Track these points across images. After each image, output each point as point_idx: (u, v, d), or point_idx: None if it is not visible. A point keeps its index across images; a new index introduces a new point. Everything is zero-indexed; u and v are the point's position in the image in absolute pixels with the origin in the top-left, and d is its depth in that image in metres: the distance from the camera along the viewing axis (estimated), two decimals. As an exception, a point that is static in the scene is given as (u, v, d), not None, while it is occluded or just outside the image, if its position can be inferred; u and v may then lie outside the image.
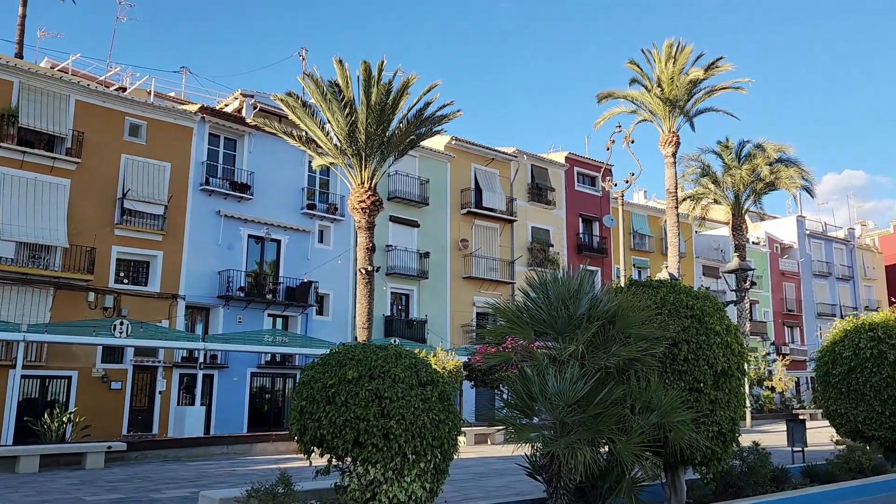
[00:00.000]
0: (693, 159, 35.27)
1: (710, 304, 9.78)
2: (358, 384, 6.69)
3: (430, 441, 6.77)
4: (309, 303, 28.33)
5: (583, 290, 8.83)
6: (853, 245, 55.48)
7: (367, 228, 19.85)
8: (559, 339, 8.69)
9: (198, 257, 26.09)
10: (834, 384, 14.09)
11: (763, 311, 48.35)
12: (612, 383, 8.24)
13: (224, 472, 14.73)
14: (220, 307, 26.52)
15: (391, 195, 31.99)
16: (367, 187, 19.62)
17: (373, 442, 6.53)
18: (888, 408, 13.09)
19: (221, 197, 27.08)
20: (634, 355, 8.37)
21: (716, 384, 9.31)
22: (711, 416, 9.19)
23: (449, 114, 20.19)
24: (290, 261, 28.66)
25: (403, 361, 7.05)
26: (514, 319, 8.72)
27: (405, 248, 32.15)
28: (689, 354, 9.23)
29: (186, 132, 26.60)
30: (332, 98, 18.62)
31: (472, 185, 35.68)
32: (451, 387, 7.35)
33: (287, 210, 28.90)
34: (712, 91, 30.41)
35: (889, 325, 13.91)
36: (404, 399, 6.70)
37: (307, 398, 6.89)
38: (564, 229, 39.42)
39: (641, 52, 31.13)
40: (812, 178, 34.40)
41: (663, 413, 8.42)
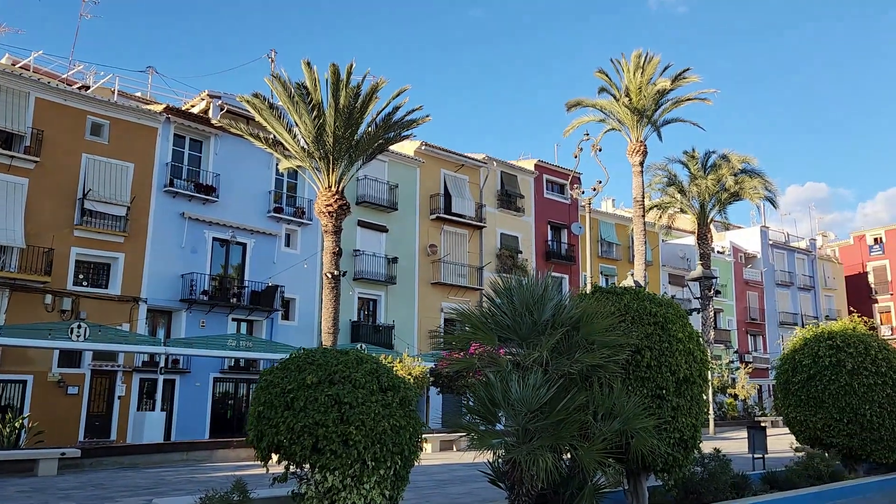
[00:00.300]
0: (660, 168, 35.71)
1: (674, 311, 9.83)
2: (317, 389, 6.57)
3: (390, 447, 6.66)
4: (274, 307, 28.00)
5: (547, 295, 8.80)
6: (814, 255, 56.64)
7: (333, 232, 19.66)
8: (523, 345, 8.65)
9: (160, 260, 25.62)
10: (794, 392, 14.27)
11: (727, 319, 49.05)
12: (575, 390, 8.21)
13: (182, 479, 14.40)
14: (183, 311, 26.05)
15: (360, 199, 31.80)
16: (334, 191, 19.44)
17: (331, 448, 6.40)
18: (845, 415, 13.29)
19: (186, 199, 26.65)
20: (598, 362, 8.36)
21: (678, 391, 9.35)
22: (673, 423, 9.23)
23: (418, 118, 20.11)
24: (256, 264, 28.30)
25: (364, 366, 6.94)
26: (479, 325, 8.66)
27: (373, 253, 31.97)
28: (652, 361, 9.26)
29: (151, 132, 26.13)
30: (299, 100, 18.42)
31: (442, 190, 35.65)
32: (413, 392, 7.25)
33: (253, 213, 28.54)
34: (679, 102, 30.80)
35: (847, 335, 14.14)
36: (365, 405, 6.59)
37: (265, 403, 6.74)
38: (533, 236, 39.58)
39: (610, 61, 31.43)
40: (775, 189, 35.09)
41: (626, 420, 8.42)
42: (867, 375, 13.35)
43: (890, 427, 13.21)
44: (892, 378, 13.45)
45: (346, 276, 28.81)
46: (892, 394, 13.31)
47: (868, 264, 60.23)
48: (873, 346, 13.77)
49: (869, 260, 60.27)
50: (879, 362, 13.50)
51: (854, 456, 13.35)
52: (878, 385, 13.28)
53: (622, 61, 31.08)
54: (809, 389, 13.90)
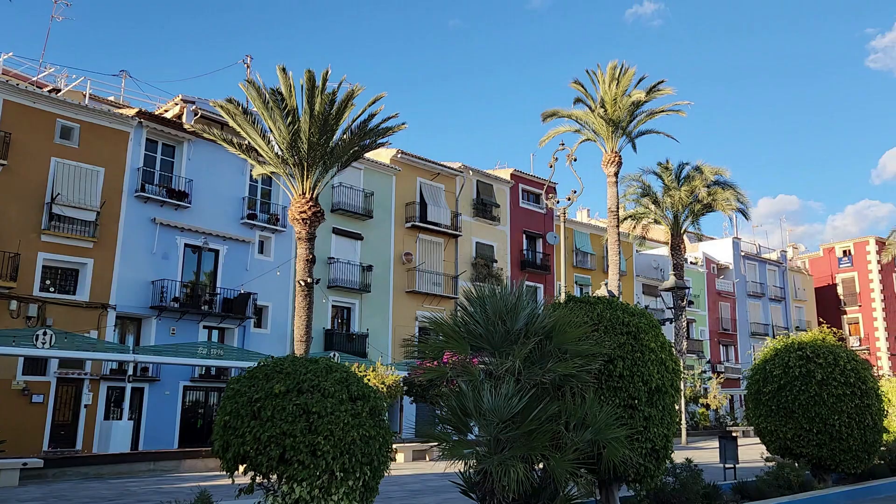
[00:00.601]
0: (634, 179, 35.99)
1: (646, 321, 9.84)
2: (285, 398, 6.44)
3: (359, 458, 6.55)
4: (247, 315, 27.66)
5: (520, 305, 8.76)
6: (785, 267, 57.45)
7: (307, 240, 19.47)
8: (496, 354, 8.59)
9: (131, 266, 25.20)
10: (764, 402, 14.35)
11: (700, 329, 49.49)
12: (547, 399, 8.17)
13: (148, 490, 14.10)
14: (154, 318, 25.62)
15: (335, 207, 31.61)
16: (308, 198, 19.26)
17: (299, 459, 6.27)
18: (815, 425, 13.38)
19: (157, 204, 26.26)
20: (570, 371, 8.32)
21: (650, 401, 9.35)
22: (645, 433, 9.22)
23: (394, 126, 20.03)
24: (229, 271, 27.95)
25: (334, 375, 6.82)
26: (451, 334, 8.58)
27: (348, 261, 31.77)
28: (625, 371, 9.25)
29: (122, 136, 25.74)
30: (274, 106, 18.25)
31: (418, 199, 35.58)
32: (384, 402, 7.14)
33: (226, 219, 28.22)
34: (653, 113, 31.08)
35: (817, 345, 14.27)
36: (334, 414, 6.47)
37: (231, 412, 6.60)
38: (508, 245, 39.64)
39: (586, 72, 31.64)
40: (747, 201, 35.51)
41: (598, 430, 8.39)
42: (836, 386, 13.46)
43: (858, 437, 13.33)
44: (860, 388, 13.59)
45: (320, 283, 28.59)
46: (860, 404, 13.43)
47: (837, 276, 61.22)
48: (842, 357, 13.90)
49: (838, 272, 61.27)
50: (848, 373, 13.63)
51: (823, 466, 13.44)
52: (846, 395, 13.40)
53: (598, 72, 31.30)
54: (780, 399, 13.99)
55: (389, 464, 7.05)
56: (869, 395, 13.66)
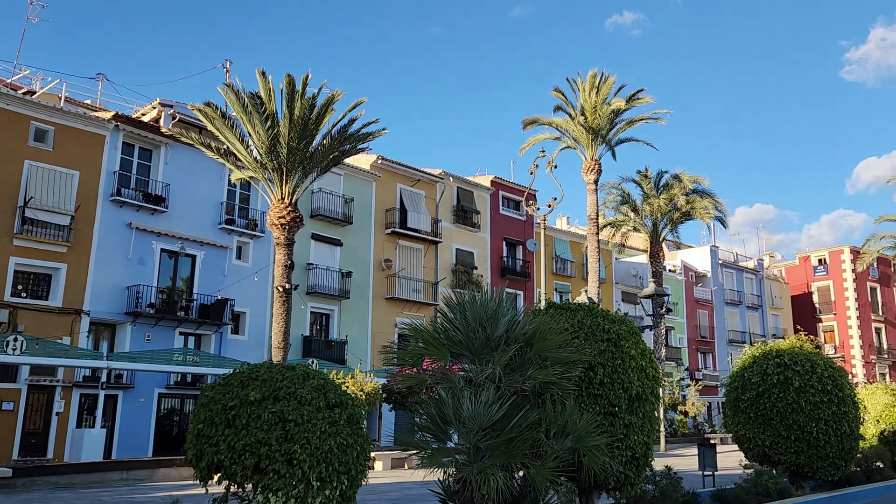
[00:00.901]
0: (614, 187, 36.19)
1: (627, 328, 9.81)
2: (261, 406, 6.29)
3: (336, 467, 6.41)
4: (224, 321, 27.32)
5: (501, 311, 8.68)
6: (762, 275, 58.02)
7: (285, 245, 19.27)
8: (476, 361, 8.50)
9: (105, 271, 24.78)
10: (743, 409, 14.38)
11: (678, 337, 49.78)
12: (527, 407, 8.09)
13: (120, 500, 13.80)
14: (128, 324, 25.21)
15: (314, 213, 31.39)
16: (287, 203, 19.08)
17: (274, 468, 6.13)
18: (793, 433, 13.43)
19: (133, 209, 25.89)
20: (551, 378, 8.25)
21: (630, 408, 9.31)
22: (625, 441, 9.17)
23: (374, 131, 19.93)
24: (206, 277, 27.60)
25: (311, 382, 6.69)
26: (431, 341, 8.48)
27: (327, 267, 31.54)
28: (605, 378, 9.20)
29: (98, 140, 25.36)
30: (253, 110, 18.06)
31: (398, 205, 35.45)
32: (362, 410, 7.01)
33: (204, 225, 27.88)
34: (633, 122, 31.29)
35: (795, 353, 14.34)
36: (310, 422, 6.34)
37: (205, 421, 6.43)
38: (489, 252, 39.62)
39: (566, 80, 31.80)
40: (725, 210, 35.87)
41: (578, 437, 8.32)
42: (813, 393, 13.52)
43: (835, 444, 13.39)
44: (837, 396, 13.65)
45: (298, 290, 28.37)
46: (837, 412, 13.49)
47: (812, 284, 61.96)
48: (819, 365, 13.96)
49: (813, 280, 62.01)
50: (825, 380, 13.69)
51: (801, 473, 13.49)
52: (823, 403, 13.45)
53: (578, 81, 31.46)
54: (758, 407, 14.01)
55: (367, 472, 6.92)
56: (846, 402, 13.74)
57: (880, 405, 18.80)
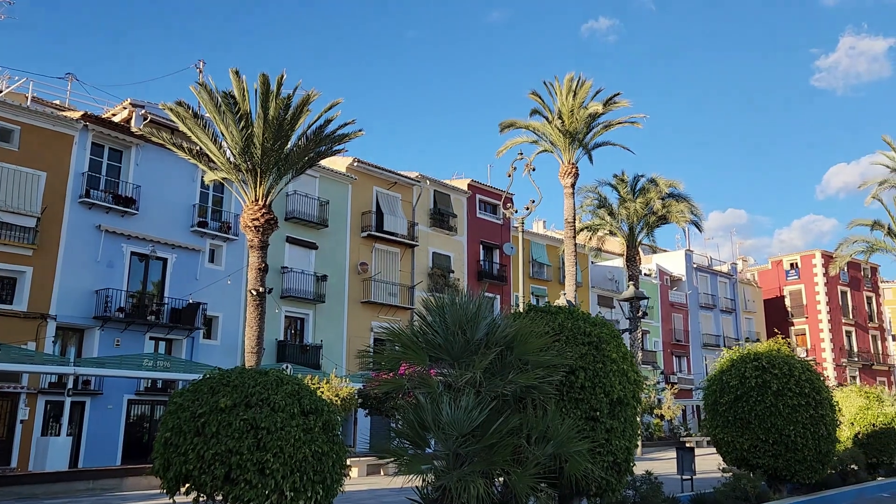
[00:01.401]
0: (591, 191, 36.21)
1: (608, 331, 9.67)
2: (232, 413, 6.02)
3: (311, 476, 6.15)
4: (196, 325, 26.79)
5: (481, 314, 8.48)
6: (735, 279, 58.56)
7: (259, 248, 18.90)
8: (455, 365, 8.29)
9: (73, 275, 24.15)
10: (721, 412, 14.33)
11: (654, 340, 50.00)
12: (508, 412, 7.89)
13: (86, 511, 13.34)
14: (97, 329, 24.59)
15: (289, 215, 30.98)
16: (261, 205, 18.70)
17: (246, 478, 5.85)
18: (771, 436, 13.40)
19: (103, 211, 25.29)
20: (532, 382, 8.07)
21: (612, 413, 9.16)
22: (607, 446, 9.02)
23: (350, 133, 19.63)
24: (178, 281, 27.04)
25: (285, 388, 6.42)
26: (409, 344, 8.26)
27: (302, 271, 31.12)
28: (586, 382, 9.04)
29: (66, 140, 24.74)
30: (226, 110, 17.67)
31: (374, 208, 35.14)
32: (337, 416, 6.75)
33: (176, 227, 27.33)
34: (610, 125, 31.30)
35: (772, 356, 14.32)
36: (284, 430, 6.08)
37: (173, 429, 6.15)
38: (465, 256, 39.44)
39: (544, 84, 31.71)
40: (700, 214, 36.03)
41: (560, 443, 8.14)
42: (791, 396, 13.51)
43: (812, 447, 13.38)
44: (814, 399, 13.66)
45: (273, 293, 27.93)
46: (814, 415, 13.49)
47: (785, 288, 62.72)
48: (797, 367, 13.96)
49: (786, 284, 62.77)
50: (803, 383, 13.69)
51: (779, 477, 13.46)
52: (801, 406, 13.44)
53: (555, 84, 31.41)
54: (736, 410, 13.97)
55: (344, 481, 6.66)
56: (823, 405, 13.75)
57: (854, 408, 18.93)
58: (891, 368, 63.68)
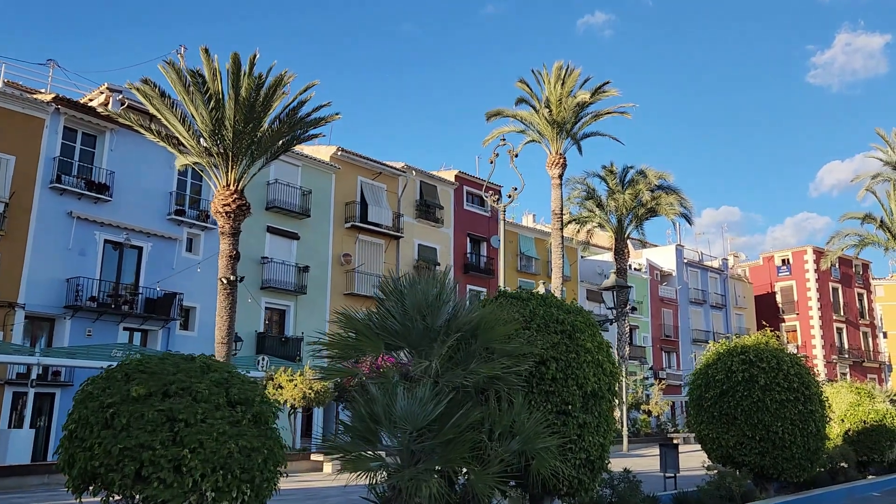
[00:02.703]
0: (579, 182, 35.56)
1: (583, 319, 9.02)
2: (146, 403, 5.33)
3: (237, 475, 5.46)
4: (171, 316, 26.05)
5: (443, 298, 7.82)
6: (726, 275, 58.11)
7: (231, 234, 18.18)
8: (414, 353, 7.64)
9: (43, 262, 23.38)
10: (706, 408, 13.76)
11: (643, 336, 49.50)
12: (469, 405, 7.23)
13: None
14: (67, 318, 23.83)
15: (269, 204, 30.28)
16: (233, 190, 17.97)
17: (160, 476, 5.17)
18: (758, 432, 12.82)
19: (75, 197, 24.49)
20: (496, 373, 7.40)
21: (585, 406, 8.51)
22: (579, 442, 8.37)
23: (327, 116, 18.88)
24: (153, 270, 26.28)
25: (212, 376, 5.74)
26: (363, 331, 7.59)
27: (283, 261, 30.40)
28: (558, 374, 8.39)
29: (37, 123, 23.93)
30: (195, 90, 16.92)
31: (358, 198, 34.43)
32: (272, 408, 6.08)
33: (152, 215, 26.56)
34: (598, 115, 30.68)
35: (760, 349, 13.73)
36: (206, 422, 5.39)
37: (79, 420, 5.46)
38: (452, 248, 38.77)
39: (532, 72, 31.10)
40: (690, 207, 35.42)
41: (526, 439, 7.49)
42: (779, 391, 12.94)
43: (801, 445, 12.81)
44: (803, 394, 13.08)
45: (250, 283, 27.25)
46: (803, 410, 12.91)
47: (776, 284, 62.29)
48: (785, 361, 13.38)
49: (777, 280, 62.34)
50: (791, 378, 13.11)
51: (765, 475, 12.89)
52: (789, 401, 12.88)
53: (543, 73, 30.78)
54: (722, 406, 13.41)
55: (278, 480, 5.98)
56: (812, 400, 13.18)
57: (845, 404, 18.40)
58: (882, 365, 63.40)
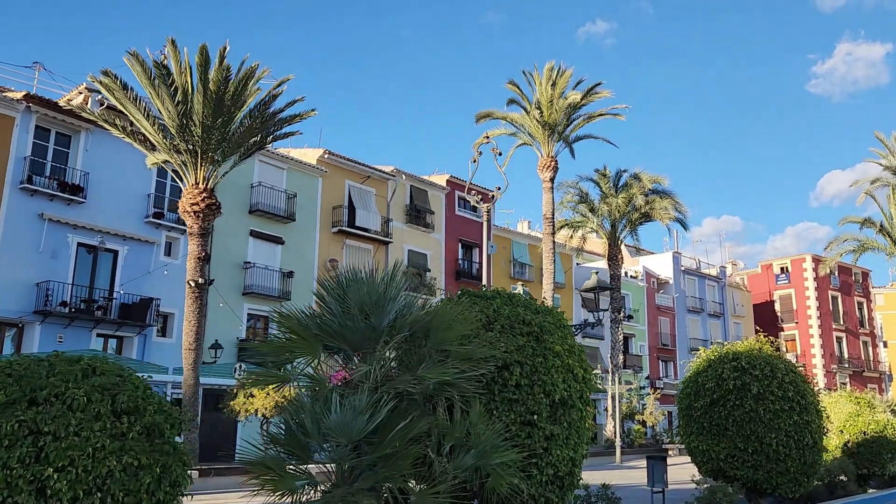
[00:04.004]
0: (571, 186, 34.75)
1: (553, 319, 8.17)
2: (6, 412, 4.47)
3: (118, 498, 4.60)
4: (148, 322, 25.16)
5: (389, 294, 6.98)
6: (724, 283, 57.20)
7: (199, 235, 17.35)
8: (356, 356, 6.78)
9: (11, 265, 22.52)
10: (696, 418, 12.94)
11: (639, 344, 48.55)
12: (414, 414, 6.37)
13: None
14: (38, 324, 22.95)
15: (253, 208, 29.46)
16: (202, 188, 17.15)
17: (17, 501, 4.29)
18: (750, 444, 11.98)
19: (47, 198, 23.67)
20: (446, 378, 6.53)
21: (553, 416, 7.64)
22: (546, 457, 7.49)
23: (302, 112, 18.09)
24: (130, 274, 25.40)
25: (95, 381, 4.88)
26: (297, 331, 6.73)
27: (266, 266, 29.53)
28: (523, 380, 7.52)
29: (6, 122, 23.14)
30: (160, 83, 16.12)
31: (346, 202, 33.60)
32: (172, 418, 5.21)
33: (128, 217, 25.71)
34: (591, 117, 29.92)
35: (753, 356, 12.91)
36: (80, 435, 4.53)
37: (-73, 434, 4.58)
38: (443, 254, 37.91)
39: (523, 73, 30.38)
40: (685, 211, 34.56)
41: (482, 453, 6.62)
42: (773, 401, 12.11)
43: (797, 458, 11.97)
44: (799, 404, 12.24)
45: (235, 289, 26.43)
46: (799, 421, 12.07)
47: (775, 293, 61.37)
48: (780, 369, 12.55)
49: (775, 289, 61.42)
50: (786, 386, 12.28)
51: (759, 489, 12.05)
52: (784, 411, 12.05)
53: (534, 74, 30.04)
54: (712, 416, 12.59)
55: (179, 501, 5.10)
56: (808, 410, 12.34)
57: (844, 414, 17.51)
58: (882, 375, 62.38)
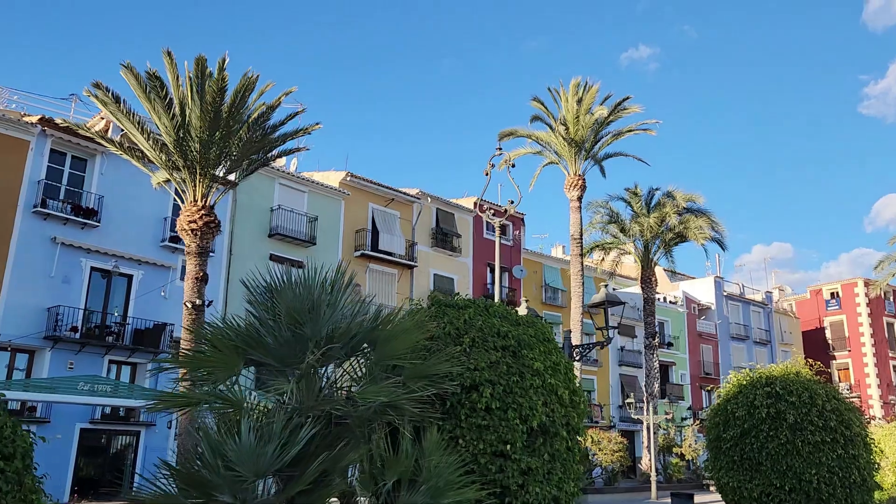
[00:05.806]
0: (601, 206, 33.30)
1: (533, 332, 6.98)
2: None
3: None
4: (161, 348, 24.53)
5: (324, 302, 5.94)
6: (770, 309, 54.61)
7: (197, 254, 16.60)
8: (282, 374, 5.73)
9: (22, 290, 22.16)
10: (725, 451, 11.54)
11: (680, 373, 46.41)
12: (345, 442, 5.26)
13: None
14: (48, 350, 22.50)
15: (273, 231, 28.87)
16: (200, 205, 16.44)
17: None
18: (787, 481, 10.52)
19: (60, 222, 23.37)
20: (382, 398, 5.41)
21: (530, 447, 6.41)
22: (521, 495, 6.27)
23: (307, 126, 17.37)
24: (145, 300, 24.89)
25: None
26: (216, 343, 5.72)
27: (285, 291, 28.75)
28: (494, 402, 6.34)
29: (21, 146, 22.99)
30: (155, 95, 15.55)
31: (369, 225, 32.82)
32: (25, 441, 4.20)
33: (144, 242, 25.29)
34: (620, 133, 28.70)
35: (788, 380, 11.48)
36: None
37: None
38: (471, 279, 36.75)
39: (548, 90, 29.33)
40: (723, 230, 32.69)
41: (434, 490, 5.47)
42: (813, 431, 10.65)
43: (842, 497, 10.45)
44: (843, 435, 10.74)
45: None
46: (843, 455, 10.56)
47: (825, 319, 58.39)
48: (820, 395, 11.08)
49: (826, 315, 58.45)
50: (828, 415, 10.80)
51: (798, 535, 10.49)
52: (826, 443, 10.57)
53: (560, 90, 28.99)
54: (743, 448, 11.19)
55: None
56: (855, 443, 10.80)
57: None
58: (945, 407, 58.54)
